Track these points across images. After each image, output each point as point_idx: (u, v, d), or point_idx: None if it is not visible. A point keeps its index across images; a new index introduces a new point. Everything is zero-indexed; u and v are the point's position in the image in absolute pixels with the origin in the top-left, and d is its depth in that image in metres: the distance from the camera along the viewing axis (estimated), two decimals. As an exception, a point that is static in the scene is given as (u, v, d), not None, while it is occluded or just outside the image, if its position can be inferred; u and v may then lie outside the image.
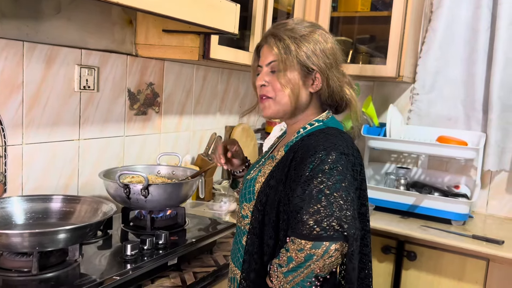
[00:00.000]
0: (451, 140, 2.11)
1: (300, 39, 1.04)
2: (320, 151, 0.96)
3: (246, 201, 1.08)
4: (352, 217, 0.91)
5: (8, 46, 1.28)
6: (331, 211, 0.90)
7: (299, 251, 0.91)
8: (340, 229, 0.89)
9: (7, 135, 1.31)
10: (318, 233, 0.89)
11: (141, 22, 1.67)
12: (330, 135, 1.02)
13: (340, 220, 0.89)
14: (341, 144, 0.99)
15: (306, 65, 1.04)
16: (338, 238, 0.89)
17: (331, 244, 0.89)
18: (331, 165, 0.94)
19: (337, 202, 0.91)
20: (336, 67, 1.07)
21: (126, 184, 1.33)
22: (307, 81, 1.06)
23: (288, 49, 1.03)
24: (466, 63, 2.23)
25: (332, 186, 0.92)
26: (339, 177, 0.93)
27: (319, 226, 0.89)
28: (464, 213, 1.99)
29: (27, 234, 1.02)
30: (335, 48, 1.07)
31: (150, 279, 1.24)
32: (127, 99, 1.70)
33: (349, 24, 2.39)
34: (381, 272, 1.99)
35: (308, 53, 1.03)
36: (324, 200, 0.91)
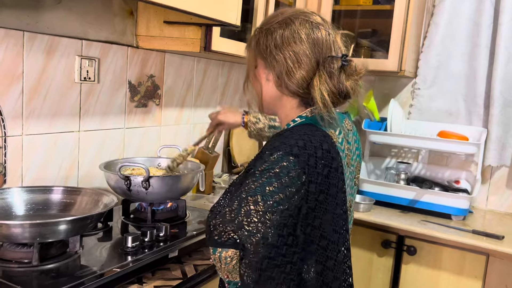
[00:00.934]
0: (452, 135, 2.10)
1: (263, 33, 1.01)
2: (266, 151, 0.91)
3: None
4: (259, 223, 0.84)
5: (8, 36, 1.27)
6: (235, 216, 0.85)
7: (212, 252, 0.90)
8: (234, 236, 0.85)
9: (7, 125, 1.30)
10: (214, 238, 0.87)
11: (142, 13, 1.66)
12: (290, 132, 0.95)
13: (239, 227, 0.84)
14: (293, 144, 0.90)
15: (263, 60, 1.01)
16: (230, 246, 0.86)
17: (223, 251, 0.87)
18: (266, 167, 0.88)
19: (247, 207, 0.85)
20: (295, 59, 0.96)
21: (127, 176, 1.32)
22: (270, 75, 1.01)
23: (251, 47, 1.03)
24: (468, 58, 2.22)
25: (252, 190, 0.86)
26: (267, 180, 0.86)
27: (216, 231, 0.87)
28: (464, 208, 1.99)
29: (27, 225, 1.01)
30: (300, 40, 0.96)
31: (150, 271, 1.24)
32: (128, 91, 1.69)
33: (350, 18, 2.37)
34: (380, 266, 1.99)
35: (263, 47, 0.99)
36: (236, 204, 0.87)
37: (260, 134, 1.42)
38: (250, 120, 1.43)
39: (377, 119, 2.26)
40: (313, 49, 0.96)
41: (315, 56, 0.96)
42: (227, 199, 0.91)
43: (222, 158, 2.32)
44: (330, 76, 0.95)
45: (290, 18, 0.99)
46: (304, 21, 0.98)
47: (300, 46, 0.96)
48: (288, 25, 0.98)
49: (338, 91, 0.95)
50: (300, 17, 0.99)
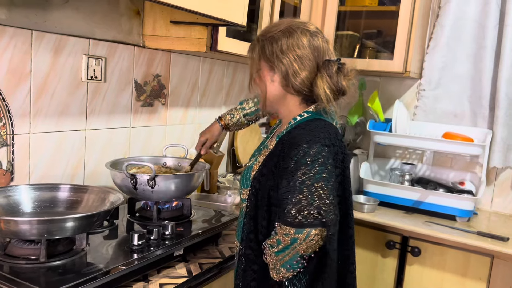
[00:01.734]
0: (457, 137, 2.10)
1: (267, 40, 1.14)
2: (303, 143, 1.05)
3: (244, 186, 1.19)
4: (330, 204, 1.02)
5: (16, 35, 1.28)
6: (311, 200, 1.01)
7: (285, 235, 1.02)
8: (319, 216, 1.00)
9: (15, 123, 1.31)
10: (300, 220, 1.00)
11: (149, 13, 1.67)
12: (314, 127, 1.10)
13: (320, 209, 1.00)
14: (323, 136, 1.08)
15: (268, 63, 1.14)
16: (317, 224, 1.01)
17: (311, 229, 1.01)
18: (313, 157, 1.04)
19: (317, 192, 1.01)
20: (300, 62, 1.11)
21: (133, 175, 1.33)
22: (274, 77, 1.15)
23: (255, 53, 1.17)
24: (474, 59, 2.22)
25: (313, 177, 1.02)
26: (320, 168, 1.03)
27: (301, 215, 1.00)
28: (469, 210, 1.99)
29: (35, 222, 1.02)
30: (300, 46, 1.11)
31: (156, 269, 1.24)
32: (134, 90, 1.70)
33: (356, 19, 2.37)
34: (385, 267, 1.99)
35: (268, 53, 1.13)
36: (306, 191, 1.01)
37: (239, 124, 1.59)
38: (226, 119, 1.58)
39: (381, 120, 2.27)
40: (314, 54, 1.12)
41: (316, 60, 1.13)
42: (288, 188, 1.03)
43: (226, 158, 2.32)
44: (330, 76, 1.11)
45: (292, 27, 1.13)
46: (304, 30, 1.13)
47: (303, 51, 1.11)
48: (291, 34, 1.12)
49: (337, 89, 1.12)
50: (300, 27, 1.14)
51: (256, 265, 1.12)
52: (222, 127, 1.58)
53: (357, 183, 2.26)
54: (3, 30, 1.24)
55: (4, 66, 1.26)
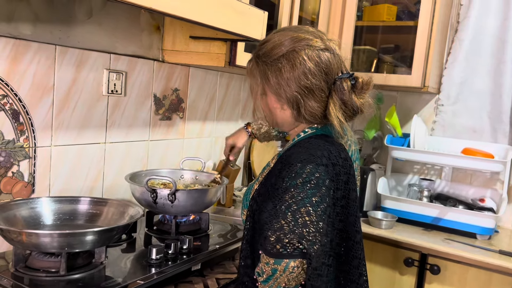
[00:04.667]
0: (477, 153, 2.07)
1: (268, 67, 1.01)
2: (296, 163, 0.96)
3: (244, 207, 1.10)
4: (316, 232, 0.91)
5: (41, 50, 1.31)
6: (294, 228, 0.90)
7: (266, 265, 0.93)
8: (300, 246, 0.89)
9: (37, 136, 1.33)
10: (279, 250, 0.90)
11: (169, 29, 1.69)
12: (313, 145, 1.00)
13: (301, 238, 0.89)
14: (320, 155, 0.97)
15: (275, 93, 1.03)
16: (297, 255, 0.90)
17: (290, 261, 0.90)
18: (305, 179, 0.93)
19: (302, 218, 0.91)
20: (310, 94, 1.00)
21: (153, 189, 1.33)
22: (284, 105, 1.04)
23: (257, 78, 1.05)
24: (493, 74, 2.19)
25: (300, 201, 0.92)
26: (310, 191, 0.93)
27: (280, 243, 0.90)
28: (490, 228, 1.94)
29: (56, 235, 1.03)
30: (307, 73, 0.99)
31: (173, 284, 1.24)
32: (153, 104, 1.72)
33: (373, 34, 2.37)
34: (403, 285, 1.95)
35: (273, 83, 1.01)
36: (289, 216, 0.91)
37: (268, 135, 1.53)
38: (254, 128, 1.53)
39: (399, 134, 2.24)
40: (325, 79, 1.00)
41: (327, 85, 1.01)
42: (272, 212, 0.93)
43: (242, 171, 2.32)
44: (343, 100, 1.00)
45: (295, 50, 0.99)
46: (310, 50, 0.99)
47: (312, 80, 0.99)
48: (295, 59, 0.99)
49: (352, 112, 1.02)
50: (304, 47, 0.99)
51: None
52: (249, 133, 1.53)
53: (375, 198, 2.23)
54: (28, 45, 1.27)
55: (29, 81, 1.29)
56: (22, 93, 1.28)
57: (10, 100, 1.25)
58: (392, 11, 2.24)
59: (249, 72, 1.08)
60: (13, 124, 1.27)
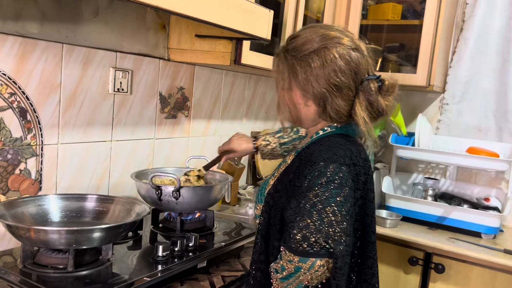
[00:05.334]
0: (482, 152, 2.07)
1: (297, 62, 1.01)
2: (319, 162, 0.96)
3: (259, 202, 1.11)
4: (341, 232, 0.91)
5: (48, 48, 1.32)
6: (320, 227, 0.90)
7: (289, 262, 0.93)
8: (326, 245, 0.90)
9: (44, 134, 1.34)
10: (305, 249, 0.90)
11: (174, 27, 1.70)
12: (334, 144, 1.00)
13: (328, 237, 0.90)
14: (343, 154, 0.97)
15: (301, 89, 1.03)
16: (323, 254, 0.90)
17: (317, 260, 0.90)
18: (329, 178, 0.93)
19: (328, 218, 0.91)
20: (338, 92, 1.00)
21: (158, 186, 1.34)
22: (308, 102, 1.04)
23: (284, 73, 1.04)
24: (499, 73, 2.19)
25: (325, 200, 0.92)
26: (335, 191, 0.93)
27: (306, 242, 0.90)
28: (495, 227, 1.94)
29: (64, 231, 1.04)
30: (337, 71, 0.99)
31: (179, 281, 1.24)
32: (159, 102, 1.72)
33: (378, 32, 2.37)
34: (407, 283, 1.95)
35: (301, 79, 1.01)
36: (315, 215, 0.91)
37: (273, 154, 1.44)
38: (261, 144, 1.44)
39: (404, 133, 2.24)
40: (353, 78, 1.00)
41: (355, 84, 1.01)
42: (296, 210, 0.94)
43: (246, 170, 2.33)
44: (369, 101, 1.01)
45: (327, 47, 0.99)
46: (340, 48, 0.99)
47: (341, 78, 0.99)
48: (326, 56, 0.99)
49: (377, 113, 1.03)
50: (336, 44, 1.00)
51: None
52: (255, 149, 1.44)
53: (379, 197, 2.23)
54: (35, 43, 1.28)
55: (36, 79, 1.30)
56: (30, 91, 1.29)
57: (17, 98, 1.26)
58: (397, 9, 2.24)
59: (276, 66, 1.07)
60: (20, 122, 1.28)
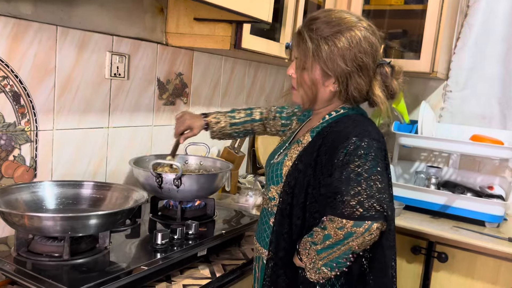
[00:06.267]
0: (486, 139, 2.03)
1: (322, 41, 1.04)
2: (352, 137, 1.00)
3: (274, 184, 1.11)
4: (389, 198, 0.98)
5: (42, 30, 1.27)
6: (371, 193, 0.95)
7: (338, 229, 0.95)
8: (381, 209, 0.94)
9: (39, 120, 1.30)
10: (361, 213, 0.94)
11: (172, 10, 1.65)
12: (359, 121, 1.06)
13: (381, 202, 0.95)
14: (371, 130, 1.03)
15: (323, 68, 1.05)
16: (379, 218, 0.94)
17: (373, 223, 0.94)
18: (366, 151, 0.98)
19: (375, 185, 0.96)
20: (360, 72, 1.05)
21: (159, 174, 1.30)
22: (327, 82, 1.07)
23: (308, 51, 1.06)
24: (503, 59, 2.15)
25: (369, 170, 0.96)
26: (373, 162, 0.98)
27: (362, 207, 0.94)
28: (499, 215, 1.91)
29: (59, 218, 1.00)
30: (362, 52, 1.03)
31: (179, 269, 1.21)
32: (157, 89, 1.68)
33: (380, 18, 2.32)
34: (409, 273, 1.93)
35: (326, 58, 1.04)
36: (363, 183, 0.95)
37: (223, 132, 1.44)
38: (211, 121, 1.43)
39: (407, 121, 2.21)
40: (373, 60, 1.05)
41: (374, 66, 1.07)
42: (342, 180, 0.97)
43: (246, 159, 2.29)
44: (386, 82, 1.07)
45: (351, 28, 1.03)
46: (363, 31, 1.04)
47: (365, 58, 1.03)
48: (352, 37, 1.02)
49: (390, 94, 1.09)
50: (359, 27, 1.04)
51: (289, 269, 1.05)
52: (206, 125, 1.42)
53: (381, 186, 2.20)
54: (28, 25, 1.24)
55: (29, 62, 1.25)
56: (23, 74, 1.24)
57: (10, 82, 1.22)
58: (401, -6, 2.19)
59: (297, 45, 1.09)
60: (14, 107, 1.23)
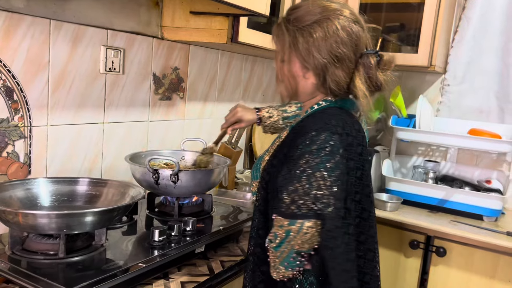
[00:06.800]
0: (484, 133, 2.03)
1: (298, 33, 1.00)
2: (311, 131, 0.96)
3: (254, 178, 1.11)
4: (331, 196, 0.92)
5: (34, 24, 1.24)
6: (308, 190, 0.91)
7: (280, 228, 0.94)
8: (314, 207, 0.91)
9: (32, 115, 1.28)
10: (293, 211, 0.92)
11: (168, 4, 1.62)
12: (328, 114, 1.01)
13: (316, 199, 0.91)
14: (335, 124, 0.97)
15: (301, 61, 1.02)
16: (311, 216, 0.91)
17: (304, 221, 0.91)
18: (319, 146, 0.94)
19: (317, 182, 0.92)
20: (338, 63, 1.00)
21: (155, 169, 1.28)
22: (307, 74, 1.04)
23: (285, 43, 1.03)
24: (501, 53, 2.14)
25: (315, 166, 0.93)
26: (325, 157, 0.93)
27: (294, 204, 0.92)
28: (497, 209, 1.91)
29: (54, 215, 0.98)
30: (339, 42, 0.98)
31: (176, 266, 1.20)
32: (152, 83, 1.66)
33: (377, 12, 2.31)
34: (408, 267, 1.93)
35: (302, 50, 1.00)
36: (304, 179, 0.92)
37: (275, 127, 1.43)
38: (264, 116, 1.42)
39: (404, 115, 2.20)
40: (354, 50, 1.00)
41: (355, 57, 1.01)
42: (287, 177, 0.94)
43: (244, 154, 2.27)
44: (369, 74, 1.01)
45: (329, 17, 0.99)
46: (342, 20, 0.99)
47: (342, 49, 0.99)
48: (329, 27, 0.98)
49: (375, 87, 1.03)
50: (338, 16, 0.99)
51: (265, 265, 1.02)
52: (259, 120, 1.41)
53: (379, 180, 2.19)
54: (21, 18, 1.21)
55: (22, 56, 1.23)
56: (16, 69, 1.22)
57: (3, 77, 1.19)
58: (398, -12, 2.17)
59: (276, 37, 1.06)
60: (6, 102, 1.21)
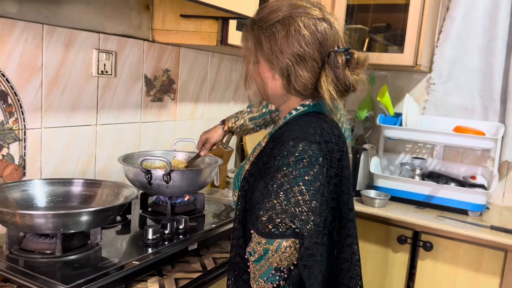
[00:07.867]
0: (468, 130, 2.08)
1: (262, 33, 0.97)
2: (289, 141, 0.93)
3: (235, 188, 1.08)
4: (310, 212, 0.88)
5: (27, 29, 1.27)
6: (286, 207, 0.87)
7: (258, 244, 0.90)
8: (292, 225, 0.87)
9: (27, 118, 1.30)
10: (271, 230, 0.87)
11: (158, 7, 1.66)
12: (305, 122, 0.98)
13: (294, 217, 0.87)
14: (313, 132, 0.94)
15: (266, 61, 0.99)
16: (289, 235, 0.87)
17: (282, 241, 0.87)
18: (297, 157, 0.90)
19: (295, 197, 0.88)
20: (302, 63, 0.96)
21: (148, 170, 1.32)
22: (276, 75, 1.00)
23: (251, 44, 1.00)
24: (485, 52, 2.19)
25: (293, 180, 0.89)
26: (303, 170, 0.90)
27: (271, 223, 0.87)
28: (482, 204, 1.97)
29: (50, 215, 1.01)
30: (302, 41, 0.95)
31: (170, 264, 1.23)
32: (144, 85, 1.69)
33: (364, 12, 2.35)
34: (396, 262, 1.97)
35: (266, 50, 0.97)
36: (282, 196, 0.88)
37: (244, 129, 1.48)
38: (230, 123, 1.49)
39: (391, 114, 2.25)
40: (319, 49, 0.96)
41: (321, 54, 0.97)
42: (264, 192, 0.91)
43: (235, 153, 2.31)
44: (336, 74, 0.96)
45: (292, 16, 0.96)
46: (306, 18, 0.96)
47: (306, 49, 0.95)
48: (291, 25, 0.95)
49: (344, 88, 0.98)
50: (301, 14, 0.96)
51: (246, 274, 1.00)
52: (224, 130, 1.51)
53: (367, 178, 2.24)
54: (14, 24, 1.24)
55: (16, 60, 1.25)
56: (9, 73, 1.25)
57: (-3, 81, 1.22)
58: (384, -11, 2.22)
59: (243, 38, 1.03)
60: (1, 106, 1.24)
